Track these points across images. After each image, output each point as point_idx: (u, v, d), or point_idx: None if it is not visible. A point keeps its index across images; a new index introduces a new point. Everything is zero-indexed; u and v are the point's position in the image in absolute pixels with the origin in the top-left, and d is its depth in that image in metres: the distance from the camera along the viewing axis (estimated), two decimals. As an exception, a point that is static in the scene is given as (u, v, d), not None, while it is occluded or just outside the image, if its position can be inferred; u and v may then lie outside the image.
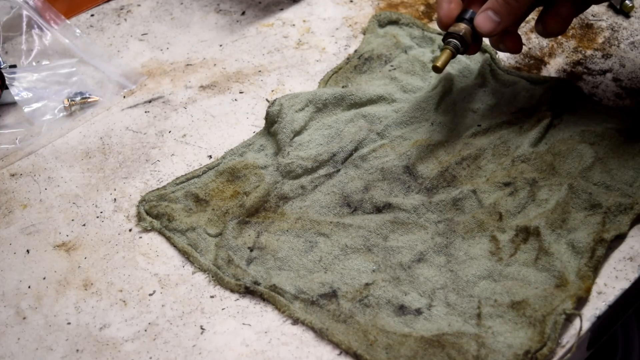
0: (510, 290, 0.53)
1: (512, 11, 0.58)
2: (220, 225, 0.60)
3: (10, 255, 0.60)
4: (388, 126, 0.65)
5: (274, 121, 0.66)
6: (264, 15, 0.81)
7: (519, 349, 0.49)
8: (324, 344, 0.52)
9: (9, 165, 0.67)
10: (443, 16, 0.60)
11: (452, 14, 0.60)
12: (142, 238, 0.60)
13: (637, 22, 0.75)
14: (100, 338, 0.54)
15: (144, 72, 0.75)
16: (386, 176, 0.61)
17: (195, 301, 0.55)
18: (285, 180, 0.62)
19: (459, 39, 0.59)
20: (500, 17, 0.58)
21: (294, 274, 0.56)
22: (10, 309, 0.56)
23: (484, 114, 0.65)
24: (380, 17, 0.77)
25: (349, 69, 0.72)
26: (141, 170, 0.65)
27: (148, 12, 0.83)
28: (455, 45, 0.59)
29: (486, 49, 0.72)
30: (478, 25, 0.59)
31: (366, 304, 0.53)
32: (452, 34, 0.60)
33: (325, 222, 0.58)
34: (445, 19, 0.60)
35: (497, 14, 0.58)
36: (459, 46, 0.60)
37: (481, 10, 0.59)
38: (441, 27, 0.61)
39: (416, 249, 0.56)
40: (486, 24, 0.59)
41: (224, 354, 0.52)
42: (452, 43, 0.60)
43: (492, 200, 0.58)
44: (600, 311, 0.52)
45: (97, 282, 0.57)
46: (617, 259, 0.55)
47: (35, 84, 0.72)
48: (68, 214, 0.62)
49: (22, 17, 0.77)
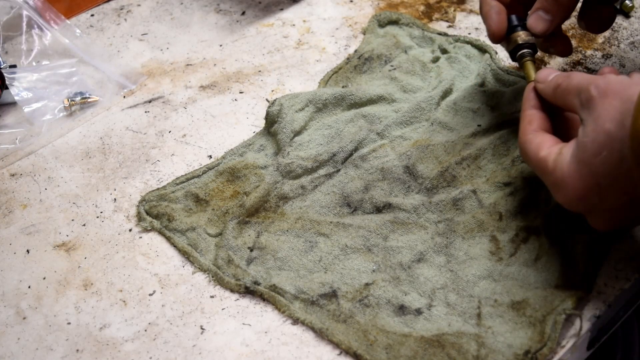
0: (510, 290, 0.53)
1: (562, 8, 0.58)
2: (220, 225, 0.60)
3: (10, 255, 0.60)
4: (388, 126, 0.65)
5: (274, 121, 0.66)
6: (264, 15, 0.81)
7: (519, 349, 0.49)
8: (324, 344, 0.52)
9: (9, 165, 0.67)
10: (496, 29, 0.60)
11: (504, 25, 0.60)
12: (142, 238, 0.60)
13: (637, 22, 0.75)
14: (100, 338, 0.54)
15: (144, 72, 0.75)
16: (386, 176, 0.61)
17: (195, 301, 0.55)
18: (285, 180, 0.62)
19: (532, 47, 0.60)
20: (552, 15, 0.58)
21: (294, 274, 0.56)
22: (10, 309, 0.56)
23: (484, 114, 0.65)
24: (380, 17, 0.77)
25: (349, 69, 0.72)
26: (141, 170, 0.65)
27: (148, 12, 0.83)
28: (531, 54, 0.60)
29: (486, 49, 0.72)
30: (531, 27, 0.59)
31: (366, 304, 0.53)
32: (523, 45, 0.60)
33: (325, 222, 0.58)
34: (498, 31, 0.60)
35: (547, 12, 0.58)
36: (533, 53, 0.60)
37: (532, 12, 0.59)
38: (495, 39, 0.61)
39: (416, 249, 0.56)
40: (539, 24, 0.59)
41: (224, 354, 0.52)
42: (528, 52, 0.60)
43: (492, 200, 0.58)
44: (600, 311, 0.52)
45: (97, 282, 0.57)
46: (617, 259, 0.55)
47: (35, 84, 0.72)
48: (68, 214, 0.62)
49: (22, 17, 0.77)
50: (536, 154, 0.52)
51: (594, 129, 0.47)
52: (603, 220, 0.50)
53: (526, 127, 0.54)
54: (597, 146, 0.47)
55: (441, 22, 0.78)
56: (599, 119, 0.47)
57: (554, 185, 0.51)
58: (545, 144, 0.52)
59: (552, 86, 0.53)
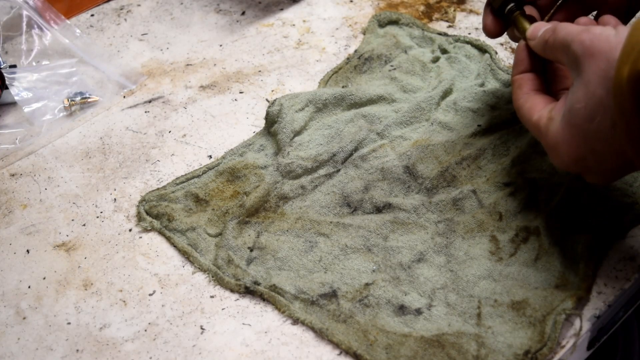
0: (510, 290, 0.53)
1: None
2: (220, 225, 0.60)
3: (10, 255, 0.60)
4: (388, 126, 0.65)
5: (274, 121, 0.66)
6: (264, 15, 0.81)
7: (519, 349, 0.49)
8: (324, 344, 0.52)
9: (9, 165, 0.67)
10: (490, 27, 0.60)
11: None
12: (142, 238, 0.60)
13: (637, 22, 0.75)
14: (100, 338, 0.54)
15: (144, 72, 0.75)
16: (386, 176, 0.61)
17: (195, 301, 0.55)
18: (285, 180, 0.62)
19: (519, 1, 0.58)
20: None
21: (294, 274, 0.56)
22: (10, 309, 0.56)
23: (484, 114, 0.65)
24: (380, 17, 0.77)
25: (349, 69, 0.72)
26: (141, 170, 0.65)
27: (148, 12, 0.83)
28: (520, 6, 0.58)
29: (486, 49, 0.72)
30: None
31: (366, 304, 0.53)
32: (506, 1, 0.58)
33: (325, 222, 0.58)
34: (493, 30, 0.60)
35: None
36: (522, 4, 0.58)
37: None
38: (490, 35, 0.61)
39: (416, 249, 0.56)
40: None
41: (224, 354, 0.52)
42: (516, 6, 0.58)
43: (492, 200, 0.58)
44: (600, 311, 0.52)
45: (97, 282, 0.57)
46: (617, 259, 0.55)
47: (35, 84, 0.72)
48: (68, 214, 0.62)
49: (22, 17, 0.77)
50: (529, 118, 0.52)
51: (585, 94, 0.47)
52: (600, 178, 0.50)
53: (517, 92, 0.55)
54: (590, 112, 0.46)
55: (441, 22, 0.78)
56: (589, 84, 0.46)
57: (548, 148, 0.51)
58: (537, 107, 0.52)
59: (541, 42, 0.53)
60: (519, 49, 0.56)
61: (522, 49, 0.56)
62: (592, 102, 0.46)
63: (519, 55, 0.56)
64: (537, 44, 0.54)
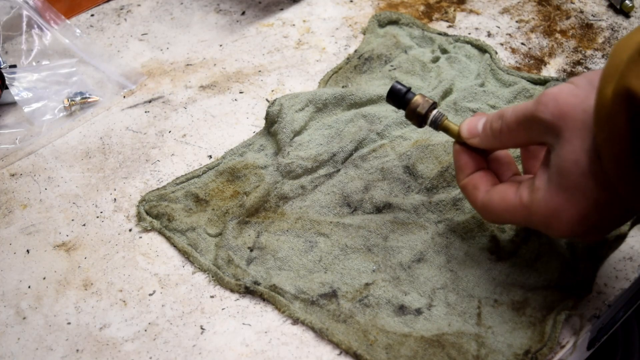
0: (510, 290, 0.53)
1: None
2: (220, 225, 0.60)
3: (10, 255, 0.60)
4: (388, 126, 0.65)
5: (274, 121, 0.66)
6: (264, 15, 0.81)
7: (519, 349, 0.49)
8: (324, 344, 0.52)
9: (9, 165, 0.67)
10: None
11: None
12: (142, 238, 0.60)
13: (637, 22, 0.75)
14: (100, 338, 0.54)
15: (144, 72, 0.75)
16: (386, 176, 0.61)
17: (195, 301, 0.55)
18: (285, 180, 0.62)
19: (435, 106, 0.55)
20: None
21: (294, 274, 0.56)
22: (10, 309, 0.56)
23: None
24: (380, 17, 0.77)
25: (349, 69, 0.72)
26: (141, 170, 0.65)
27: (148, 12, 0.83)
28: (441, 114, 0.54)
29: (486, 49, 0.72)
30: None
31: (366, 304, 0.53)
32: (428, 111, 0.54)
33: (325, 222, 0.58)
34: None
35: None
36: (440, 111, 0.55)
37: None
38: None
39: (416, 249, 0.56)
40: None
41: (224, 354, 0.52)
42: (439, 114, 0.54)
43: (492, 200, 0.58)
44: (600, 311, 0.52)
45: (97, 282, 0.57)
46: (617, 259, 0.55)
47: (35, 84, 0.72)
48: (68, 214, 0.62)
49: (22, 17, 0.77)
50: (505, 208, 0.49)
51: (573, 149, 0.44)
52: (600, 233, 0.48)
53: (475, 194, 0.51)
54: (582, 165, 0.44)
55: (441, 22, 0.78)
56: (573, 139, 0.44)
57: (545, 220, 0.47)
58: (508, 194, 0.49)
59: (489, 134, 0.50)
60: (457, 154, 0.53)
61: (460, 152, 0.53)
62: (581, 156, 0.44)
63: (460, 160, 0.53)
64: (483, 138, 0.51)
